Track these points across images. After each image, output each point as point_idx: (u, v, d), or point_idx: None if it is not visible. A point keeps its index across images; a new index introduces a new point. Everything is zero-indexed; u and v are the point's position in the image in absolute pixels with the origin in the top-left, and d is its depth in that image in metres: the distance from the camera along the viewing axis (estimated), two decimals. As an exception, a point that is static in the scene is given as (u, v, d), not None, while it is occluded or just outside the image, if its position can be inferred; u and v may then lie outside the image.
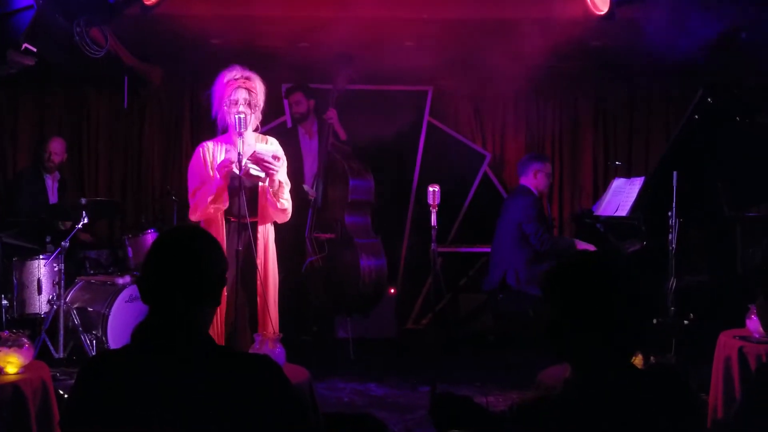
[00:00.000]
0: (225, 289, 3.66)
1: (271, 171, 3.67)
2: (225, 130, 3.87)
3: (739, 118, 4.82)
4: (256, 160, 3.64)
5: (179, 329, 1.69)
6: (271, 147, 3.80)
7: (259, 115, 3.86)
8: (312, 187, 5.78)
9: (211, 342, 1.74)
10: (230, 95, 3.76)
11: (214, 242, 1.87)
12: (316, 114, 6.00)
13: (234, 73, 3.80)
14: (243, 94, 3.77)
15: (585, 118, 7.05)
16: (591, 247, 5.17)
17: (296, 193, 5.54)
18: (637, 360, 2.77)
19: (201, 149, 3.85)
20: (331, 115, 5.77)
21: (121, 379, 1.61)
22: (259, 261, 3.78)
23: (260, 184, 3.76)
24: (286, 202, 3.81)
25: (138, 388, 1.58)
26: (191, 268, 1.75)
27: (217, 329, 3.72)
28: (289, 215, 3.89)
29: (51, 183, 6.14)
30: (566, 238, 5.67)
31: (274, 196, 3.76)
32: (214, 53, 5.72)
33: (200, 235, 1.87)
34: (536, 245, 5.20)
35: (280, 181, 3.76)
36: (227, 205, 3.72)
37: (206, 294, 1.76)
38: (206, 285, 1.77)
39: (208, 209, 3.70)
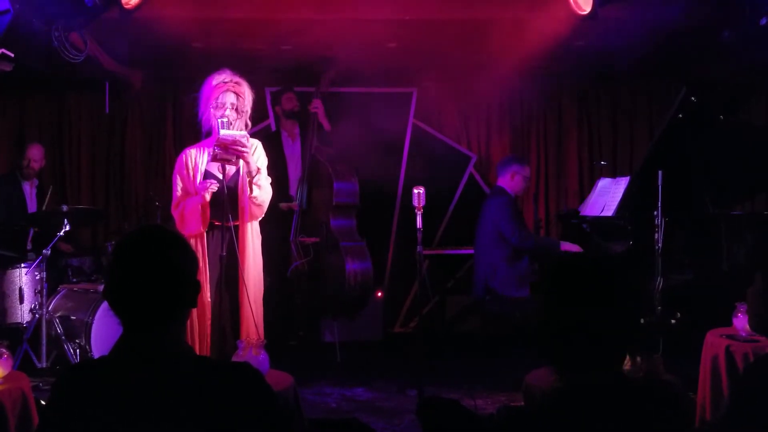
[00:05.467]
0: (208, 294, 3.67)
1: (241, 153, 3.57)
2: (209, 133, 3.83)
3: (722, 117, 4.84)
4: (223, 144, 3.55)
5: (155, 340, 1.59)
6: (240, 132, 3.66)
7: (247, 122, 3.81)
8: (296, 191, 5.75)
9: (189, 351, 1.65)
10: (218, 97, 3.72)
11: (183, 242, 1.70)
12: (299, 116, 5.98)
13: (224, 77, 3.77)
14: (231, 98, 3.73)
15: (569, 118, 7.06)
16: (576, 248, 5.16)
17: (281, 201, 5.54)
18: (625, 361, 2.75)
19: (183, 156, 3.81)
20: (317, 104, 5.74)
21: (98, 390, 1.55)
22: (241, 265, 3.71)
23: (239, 185, 3.70)
24: (257, 188, 3.69)
25: (115, 399, 1.53)
26: (162, 275, 1.60)
27: (202, 337, 3.68)
28: (264, 206, 3.77)
29: (29, 190, 6.05)
30: (550, 238, 5.66)
31: (250, 185, 3.67)
32: (196, 57, 5.67)
33: (167, 237, 1.67)
34: (516, 244, 5.20)
35: (258, 167, 3.70)
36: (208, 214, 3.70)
37: (180, 301, 1.63)
38: (179, 291, 1.63)
39: (196, 223, 3.67)
